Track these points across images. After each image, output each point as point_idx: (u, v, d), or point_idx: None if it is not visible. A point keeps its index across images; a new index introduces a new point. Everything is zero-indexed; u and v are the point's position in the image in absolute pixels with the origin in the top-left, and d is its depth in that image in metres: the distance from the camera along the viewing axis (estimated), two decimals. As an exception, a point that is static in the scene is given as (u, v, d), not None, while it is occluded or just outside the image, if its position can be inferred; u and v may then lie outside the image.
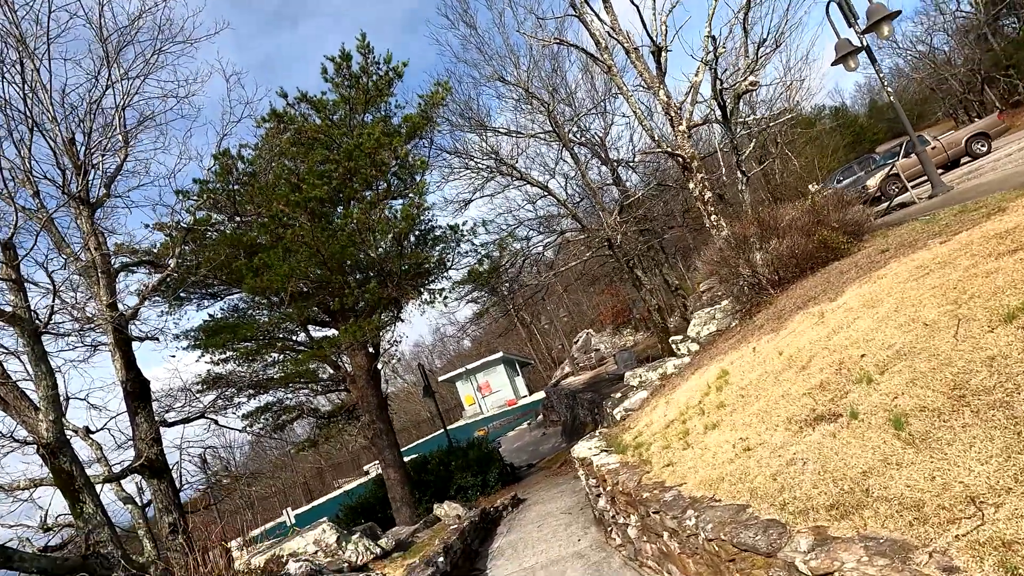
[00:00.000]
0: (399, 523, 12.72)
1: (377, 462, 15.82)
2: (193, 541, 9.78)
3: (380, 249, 10.41)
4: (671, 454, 5.16)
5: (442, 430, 18.86)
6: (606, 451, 6.60)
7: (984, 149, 17.45)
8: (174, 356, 12.50)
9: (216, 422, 11.98)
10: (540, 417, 26.91)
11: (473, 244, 11.52)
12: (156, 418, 10.22)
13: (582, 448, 7.23)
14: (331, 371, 14.61)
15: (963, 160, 18.01)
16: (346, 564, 7.54)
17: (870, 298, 5.33)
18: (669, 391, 7.90)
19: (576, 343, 35.01)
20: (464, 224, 11.15)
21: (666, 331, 14.22)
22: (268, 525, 26.74)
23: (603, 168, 17.01)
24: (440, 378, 41.16)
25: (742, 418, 4.90)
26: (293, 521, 17.20)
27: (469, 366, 37.99)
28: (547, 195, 14.73)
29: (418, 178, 9.97)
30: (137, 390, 9.83)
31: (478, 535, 8.48)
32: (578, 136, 15.84)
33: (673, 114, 11.87)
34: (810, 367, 4.84)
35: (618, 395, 14.89)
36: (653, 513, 4.33)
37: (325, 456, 39.85)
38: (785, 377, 5.03)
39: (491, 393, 36.96)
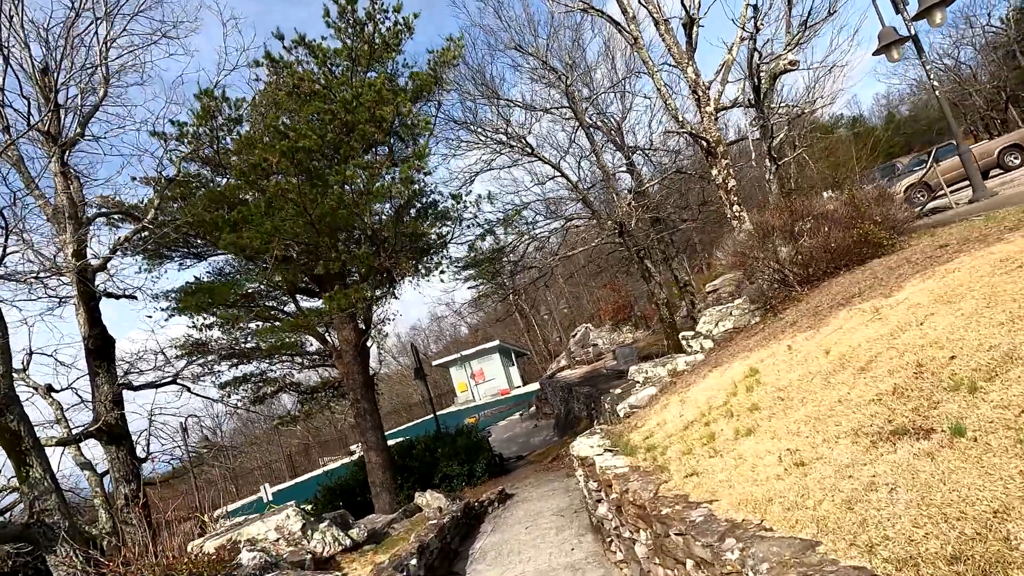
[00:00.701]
0: (377, 510, 11.90)
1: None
2: (151, 516, 8.97)
3: (376, 217, 9.50)
4: (694, 462, 4.27)
5: (431, 415, 18.04)
6: (611, 451, 5.72)
7: (1017, 161, 16.45)
8: (150, 316, 11.56)
9: (188, 389, 11.14)
10: (533, 408, 26.09)
11: (476, 216, 10.61)
12: (119, 380, 9.35)
13: (582, 446, 6.35)
14: (318, 345, 13.76)
15: (993, 172, 17.01)
16: (309, 556, 6.69)
17: (943, 293, 4.43)
18: (683, 389, 7.02)
19: (574, 337, 34.16)
20: (468, 195, 10.21)
21: (673, 326, 13.34)
22: (246, 500, 25.98)
23: (617, 154, 16.06)
24: (434, 362, 40.34)
25: (785, 425, 4.01)
26: (270, 498, 16.35)
27: (464, 352, 37.17)
28: (558, 175, 13.78)
29: (421, 141, 9.02)
30: (99, 348, 8.95)
31: (459, 532, 7.63)
32: (594, 119, 14.88)
33: (700, 94, 10.92)
34: (872, 369, 3.95)
35: (618, 391, 13.99)
36: (675, 535, 3.45)
37: (313, 432, 39.10)
38: (839, 379, 4.14)
39: (484, 381, 36.15)
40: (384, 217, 9.39)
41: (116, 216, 11.17)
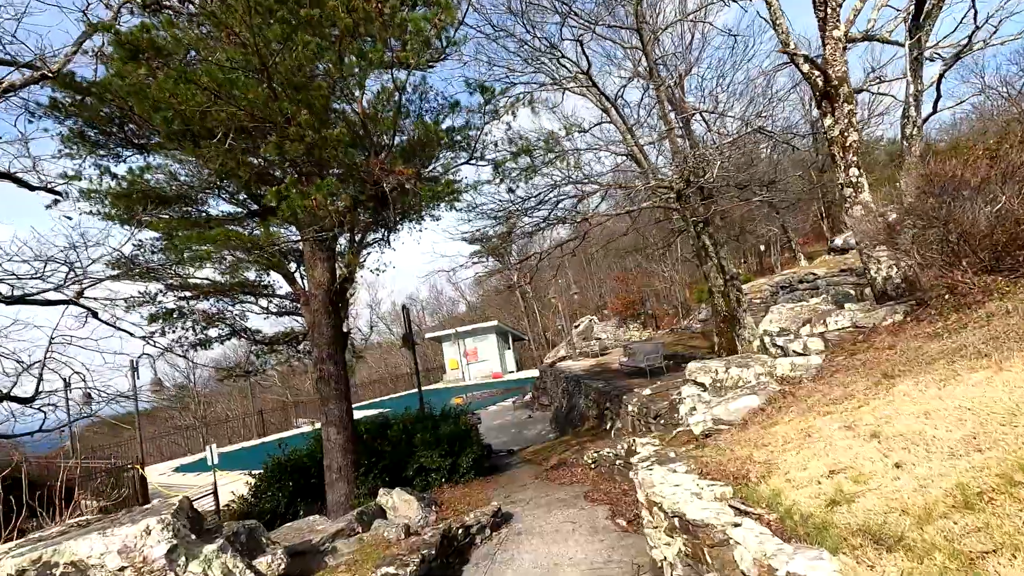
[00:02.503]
0: (329, 503, 8.97)
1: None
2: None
3: (367, 95, 6.43)
4: None
5: (416, 390, 15.09)
6: (749, 513, 2.74)
7: None
8: (70, 218, 8.52)
9: (95, 314, 8.13)
10: (528, 397, 23.18)
11: (509, 129, 7.47)
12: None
13: (671, 490, 3.36)
14: (287, 287, 10.77)
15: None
16: (168, 608, 3.73)
17: None
18: (832, 407, 4.03)
19: (576, 327, 31.27)
20: (500, 94, 7.05)
21: (729, 321, 10.34)
22: (200, 456, 23.11)
23: (671, 116, 12.92)
24: (427, 335, 37.46)
25: None
26: (215, 461, 13.46)
27: (460, 328, 34.25)
28: (606, 121, 10.73)
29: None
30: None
31: (431, 582, 4.69)
32: (658, 62, 11.70)
33: (829, 11, 7.86)
34: None
35: (647, 392, 11.04)
36: None
37: (292, 390, 36.22)
38: None
39: (477, 362, 33.25)
40: (380, 103, 6.33)
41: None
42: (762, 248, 34.51)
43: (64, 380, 9.21)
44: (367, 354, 38.22)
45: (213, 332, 10.15)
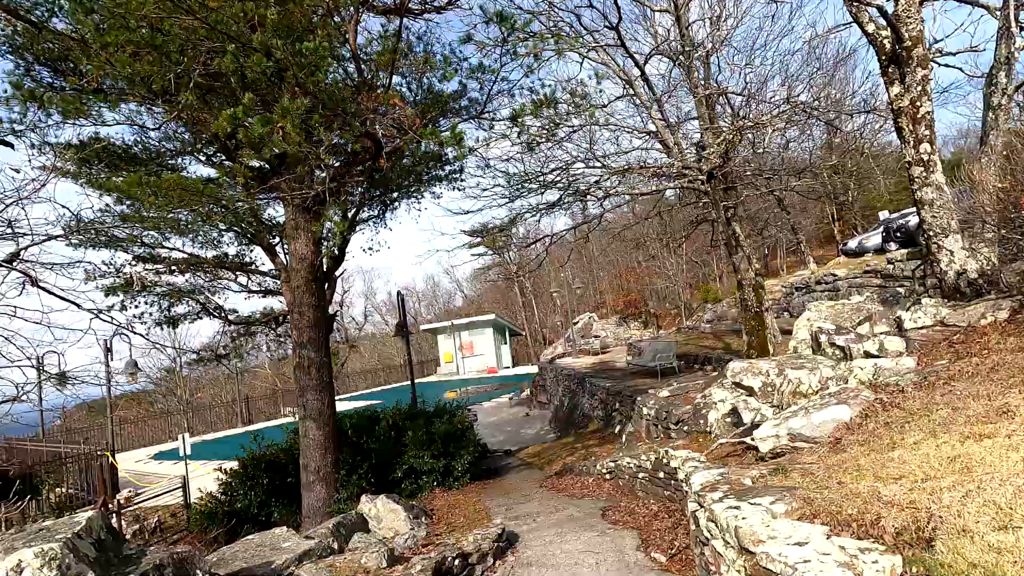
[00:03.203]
0: (305, 509, 7.78)
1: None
2: None
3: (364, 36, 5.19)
4: None
5: (409, 382, 13.87)
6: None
7: None
8: (18, 171, 7.24)
9: (35, 282, 6.85)
10: (525, 394, 22.00)
11: (531, 71, 6.26)
12: None
13: (793, 551, 2.20)
14: (271, 264, 9.54)
15: None
16: None
17: None
18: (976, 426, 2.87)
19: (575, 324, 30.15)
20: (523, 25, 5.77)
21: (760, 319, 9.18)
22: (172, 445, 21.84)
23: (701, 89, 11.69)
24: (423, 326, 36.23)
25: None
26: (188, 451, 12.22)
27: (456, 321, 33.02)
28: (630, 92, 9.54)
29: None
30: None
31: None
32: (685, 37, 10.47)
33: (906, -41, 6.67)
34: None
35: (664, 393, 9.85)
36: None
37: (282, 377, 34.89)
38: None
39: (473, 355, 32.05)
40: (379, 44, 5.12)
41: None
42: (766, 251, 33.47)
43: (37, 360, 7.97)
44: (360, 344, 36.96)
45: (181, 309, 8.93)
